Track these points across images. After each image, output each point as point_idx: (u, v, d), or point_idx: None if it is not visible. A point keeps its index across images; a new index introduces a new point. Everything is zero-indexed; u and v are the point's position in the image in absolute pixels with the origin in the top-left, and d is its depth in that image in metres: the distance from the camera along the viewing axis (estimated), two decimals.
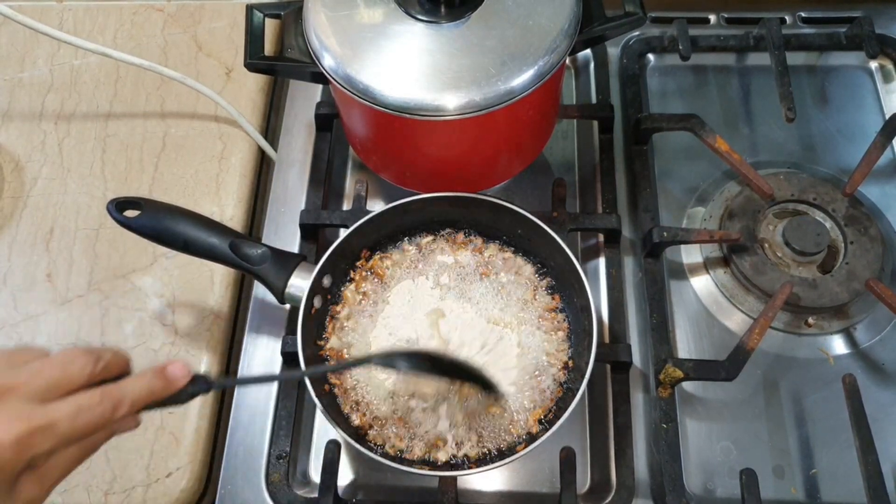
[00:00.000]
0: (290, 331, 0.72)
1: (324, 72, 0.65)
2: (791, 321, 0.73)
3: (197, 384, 0.49)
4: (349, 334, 0.68)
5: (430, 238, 0.72)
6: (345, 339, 0.68)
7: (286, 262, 0.66)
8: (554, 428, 0.58)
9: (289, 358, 0.71)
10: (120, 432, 0.47)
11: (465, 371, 0.61)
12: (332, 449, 0.65)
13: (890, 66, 0.87)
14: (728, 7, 0.91)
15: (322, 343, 0.67)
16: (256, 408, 0.70)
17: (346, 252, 0.69)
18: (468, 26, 0.63)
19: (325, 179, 0.81)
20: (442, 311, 0.67)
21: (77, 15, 0.95)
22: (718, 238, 0.73)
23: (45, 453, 0.42)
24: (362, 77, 0.62)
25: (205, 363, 0.73)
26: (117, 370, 0.47)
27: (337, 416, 0.63)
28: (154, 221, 0.63)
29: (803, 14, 0.90)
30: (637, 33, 0.87)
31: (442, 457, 0.62)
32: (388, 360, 0.59)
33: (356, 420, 0.64)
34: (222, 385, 0.51)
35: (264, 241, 0.78)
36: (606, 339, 0.71)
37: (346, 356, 0.67)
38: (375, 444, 0.63)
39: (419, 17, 0.63)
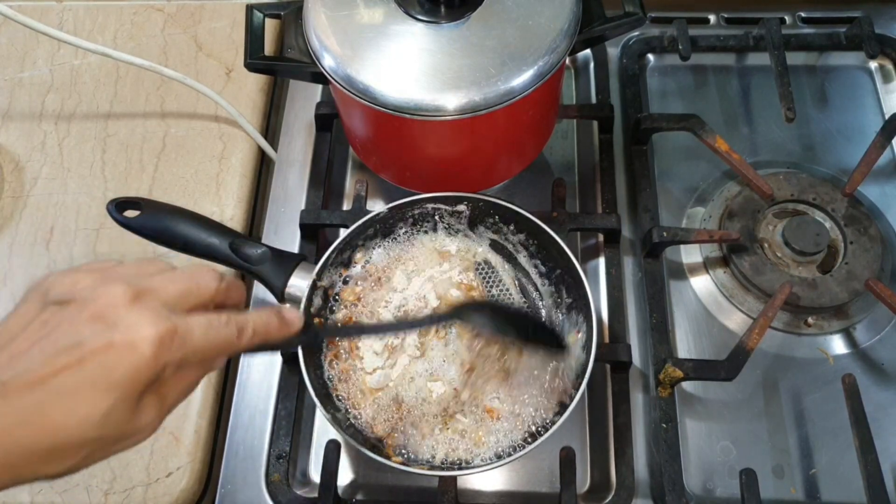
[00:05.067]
0: None
1: (324, 72, 0.65)
2: (791, 321, 0.73)
3: (307, 333, 0.49)
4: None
5: (429, 236, 0.72)
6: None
7: (286, 262, 0.66)
8: (554, 428, 0.58)
9: (289, 358, 0.71)
10: (214, 369, 0.46)
11: (529, 323, 0.62)
12: (332, 449, 0.65)
13: (890, 66, 0.87)
14: (728, 7, 0.91)
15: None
16: (256, 408, 0.70)
17: (346, 252, 0.69)
18: (468, 26, 0.63)
19: (325, 179, 0.81)
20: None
21: (77, 15, 0.95)
22: (718, 238, 0.73)
23: (175, 364, 0.40)
24: (362, 77, 0.62)
25: None
26: (236, 297, 0.46)
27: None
28: (154, 221, 0.63)
29: (803, 14, 0.90)
30: (637, 33, 0.87)
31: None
32: (455, 314, 0.60)
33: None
34: (330, 334, 0.56)
35: (264, 241, 0.78)
36: (606, 339, 0.71)
37: (345, 356, 0.67)
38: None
39: (419, 17, 0.63)
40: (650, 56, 0.89)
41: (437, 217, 0.71)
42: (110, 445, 0.40)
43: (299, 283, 0.65)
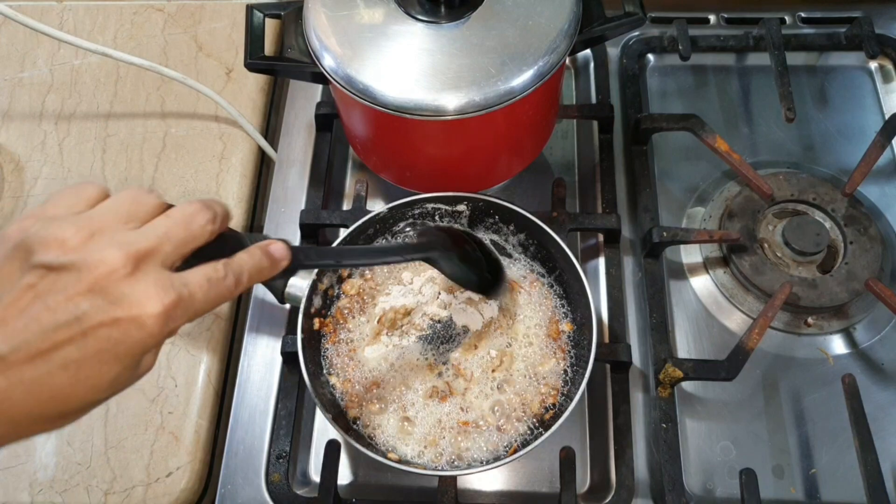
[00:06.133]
0: (290, 331, 0.72)
1: (324, 72, 0.65)
2: (791, 321, 0.73)
3: (292, 266, 0.47)
4: (350, 332, 0.68)
5: None
6: (343, 336, 0.68)
7: None
8: (554, 428, 0.58)
9: (289, 358, 0.71)
10: None
11: (487, 264, 0.62)
12: (332, 449, 0.65)
13: (890, 66, 0.87)
14: (728, 7, 0.91)
15: (323, 342, 0.67)
16: (256, 407, 0.70)
17: None
18: (468, 26, 0.63)
19: (325, 179, 0.81)
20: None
21: (77, 15, 0.95)
22: (718, 238, 0.73)
23: (177, 328, 0.39)
24: (362, 77, 0.62)
25: (205, 363, 0.73)
26: (224, 226, 0.44)
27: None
28: None
29: (803, 14, 0.90)
30: (637, 33, 0.87)
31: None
32: (424, 250, 0.58)
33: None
34: (310, 263, 0.53)
35: None
36: (606, 339, 0.71)
37: (345, 356, 0.67)
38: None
39: (419, 17, 0.63)
40: (650, 56, 0.89)
41: (437, 217, 0.71)
42: (110, 397, 0.39)
43: (299, 283, 0.65)
